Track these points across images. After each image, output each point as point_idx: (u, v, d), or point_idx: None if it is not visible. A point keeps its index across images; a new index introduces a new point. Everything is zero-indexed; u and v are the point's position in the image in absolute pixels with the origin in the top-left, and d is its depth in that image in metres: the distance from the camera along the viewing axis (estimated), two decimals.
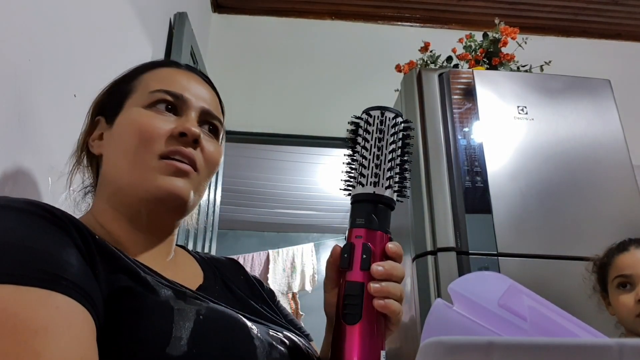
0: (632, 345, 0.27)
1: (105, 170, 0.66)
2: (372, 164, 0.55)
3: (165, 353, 0.45)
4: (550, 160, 1.70)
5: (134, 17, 1.45)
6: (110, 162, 0.65)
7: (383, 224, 0.56)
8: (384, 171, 0.55)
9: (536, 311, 0.39)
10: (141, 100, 0.65)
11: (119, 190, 0.63)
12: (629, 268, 1.17)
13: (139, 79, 0.69)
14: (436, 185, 1.62)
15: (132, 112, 0.65)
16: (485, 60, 2.12)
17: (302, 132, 2.49)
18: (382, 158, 0.56)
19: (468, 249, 1.52)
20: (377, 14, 2.75)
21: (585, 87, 1.87)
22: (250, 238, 4.73)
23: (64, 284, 0.43)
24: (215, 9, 2.68)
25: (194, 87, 0.68)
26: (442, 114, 1.72)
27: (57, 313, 0.41)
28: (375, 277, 0.53)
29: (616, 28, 2.80)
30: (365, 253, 0.54)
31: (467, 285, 0.43)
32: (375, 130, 0.57)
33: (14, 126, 0.85)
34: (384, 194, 0.55)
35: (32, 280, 0.42)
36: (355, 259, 0.54)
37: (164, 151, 0.61)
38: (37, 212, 0.49)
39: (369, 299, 0.52)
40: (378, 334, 0.52)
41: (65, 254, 0.46)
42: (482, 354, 0.28)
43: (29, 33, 0.91)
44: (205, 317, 0.50)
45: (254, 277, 0.77)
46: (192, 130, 0.62)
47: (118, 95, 0.68)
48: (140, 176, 0.61)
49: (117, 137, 0.65)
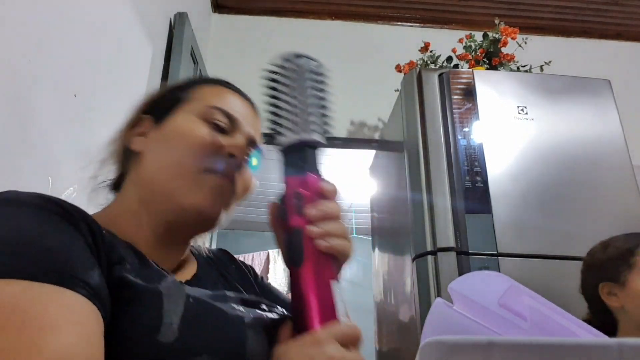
0: (631, 344, 0.27)
1: (144, 169, 0.64)
2: (293, 111, 0.56)
3: (156, 341, 0.46)
4: (550, 160, 1.70)
5: (134, 17, 1.45)
6: (153, 162, 0.63)
7: (312, 166, 0.56)
8: (304, 115, 0.56)
9: (536, 311, 0.39)
10: (196, 110, 0.65)
11: (154, 192, 0.62)
12: None
13: (196, 89, 0.69)
14: (436, 186, 1.62)
15: (185, 119, 0.64)
16: (485, 60, 2.12)
17: None
18: (301, 104, 0.56)
19: (468, 249, 1.52)
20: (377, 14, 2.75)
21: (585, 88, 1.87)
22: (250, 238, 4.72)
23: (75, 282, 0.43)
24: (215, 9, 2.68)
25: (247, 115, 0.69)
26: (442, 114, 1.72)
27: (67, 311, 0.41)
28: (312, 220, 0.54)
29: (616, 28, 2.80)
30: (296, 198, 0.54)
31: (468, 285, 0.43)
32: (289, 78, 0.57)
33: (14, 126, 0.85)
34: (308, 138, 0.56)
35: (44, 277, 0.42)
36: (289, 206, 0.54)
37: (211, 166, 0.61)
38: (49, 207, 0.49)
39: (310, 241, 0.53)
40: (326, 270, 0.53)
41: (76, 251, 0.46)
42: (482, 354, 0.28)
43: (29, 33, 0.91)
44: (196, 300, 0.51)
45: (242, 262, 0.77)
46: (241, 153, 0.63)
47: (172, 99, 0.68)
48: (182, 184, 0.60)
49: (165, 139, 0.64)
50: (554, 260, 1.54)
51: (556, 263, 1.53)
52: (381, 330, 2.07)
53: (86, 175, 0.70)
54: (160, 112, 0.67)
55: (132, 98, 1.50)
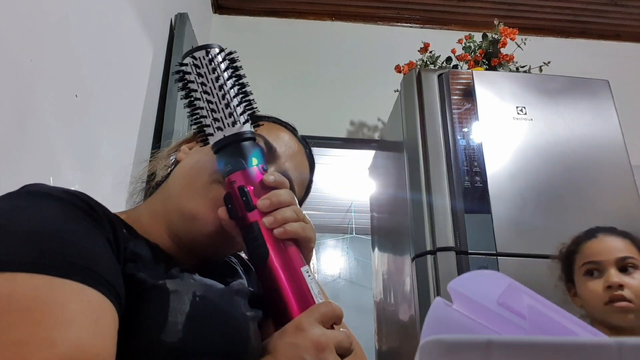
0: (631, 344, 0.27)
1: (172, 175, 0.65)
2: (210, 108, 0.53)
3: (159, 339, 0.46)
4: (549, 160, 1.71)
5: (135, 18, 1.45)
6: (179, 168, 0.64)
7: (248, 158, 0.54)
8: (233, 108, 0.54)
9: (536, 310, 0.39)
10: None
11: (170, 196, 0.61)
12: (598, 254, 1.14)
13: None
14: (435, 185, 1.62)
15: None
16: (485, 60, 2.12)
17: (302, 132, 2.49)
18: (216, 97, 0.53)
19: (467, 249, 1.53)
20: (377, 15, 2.75)
21: (584, 88, 1.87)
22: None
23: (97, 279, 0.44)
24: (215, 9, 2.68)
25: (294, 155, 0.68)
26: (442, 115, 1.73)
27: (87, 307, 0.42)
28: (265, 211, 0.53)
29: (615, 29, 2.81)
30: (243, 195, 0.53)
31: (467, 284, 0.43)
32: (207, 72, 0.54)
33: (16, 126, 0.86)
34: (242, 130, 0.54)
35: (66, 273, 0.42)
36: (238, 205, 0.53)
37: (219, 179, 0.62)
38: (75, 202, 0.49)
39: (268, 232, 0.52)
40: (292, 257, 0.52)
41: (99, 248, 0.47)
42: (481, 353, 0.28)
43: (31, 34, 0.91)
44: (202, 298, 0.51)
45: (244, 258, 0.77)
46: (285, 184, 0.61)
47: None
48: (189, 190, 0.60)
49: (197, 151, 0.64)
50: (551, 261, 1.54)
51: (553, 265, 1.54)
52: (381, 330, 2.08)
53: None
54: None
55: (133, 98, 1.51)
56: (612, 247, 1.14)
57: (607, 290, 1.09)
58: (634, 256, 1.12)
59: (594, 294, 1.12)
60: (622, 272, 1.11)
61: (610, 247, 1.14)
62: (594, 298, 1.12)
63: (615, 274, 1.10)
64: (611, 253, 1.13)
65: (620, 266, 1.12)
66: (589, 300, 1.14)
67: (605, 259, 1.13)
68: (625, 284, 1.08)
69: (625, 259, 1.12)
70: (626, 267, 1.11)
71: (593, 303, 1.12)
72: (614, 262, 1.12)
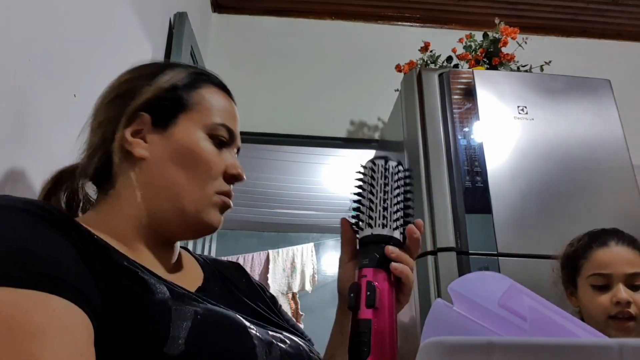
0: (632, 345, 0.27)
1: (151, 177, 0.63)
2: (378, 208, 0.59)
3: (162, 352, 0.45)
4: (551, 160, 1.70)
5: (134, 17, 1.45)
6: (164, 175, 0.63)
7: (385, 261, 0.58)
8: (389, 213, 0.59)
9: (536, 311, 0.39)
10: (202, 123, 0.66)
11: (166, 204, 0.63)
12: (608, 267, 1.10)
13: (198, 94, 0.68)
14: (436, 185, 1.62)
15: (194, 135, 0.65)
16: (486, 60, 2.12)
17: (302, 132, 2.49)
18: (387, 202, 0.60)
19: (468, 249, 1.52)
20: (377, 14, 2.75)
21: (585, 87, 1.87)
22: (250, 238, 4.72)
23: (62, 287, 0.43)
24: (215, 8, 2.68)
25: (236, 120, 0.71)
26: (442, 114, 1.72)
27: (54, 316, 0.41)
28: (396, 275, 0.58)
29: (616, 28, 2.80)
30: (369, 290, 0.55)
31: (468, 285, 0.43)
32: (380, 177, 0.61)
33: (14, 126, 0.85)
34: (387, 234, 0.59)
35: (30, 283, 0.42)
36: (361, 297, 0.56)
37: (222, 189, 0.66)
38: (37, 213, 0.48)
39: (377, 334, 0.54)
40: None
41: (64, 257, 0.46)
42: (482, 354, 0.28)
43: (29, 33, 0.91)
44: (203, 316, 0.50)
45: (257, 282, 0.77)
46: (243, 177, 0.68)
47: (174, 102, 0.66)
48: (197, 206, 0.63)
49: (175, 153, 0.64)
50: (553, 260, 1.54)
51: (556, 263, 1.53)
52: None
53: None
54: (162, 115, 0.65)
55: None
56: (625, 260, 1.11)
57: (614, 306, 1.07)
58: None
59: (599, 306, 1.10)
60: (630, 287, 1.09)
61: (622, 260, 1.11)
62: (598, 310, 1.10)
63: (625, 290, 1.08)
64: (622, 267, 1.10)
65: (630, 282, 1.09)
66: (591, 310, 1.12)
67: (615, 272, 1.10)
68: (634, 300, 1.07)
69: (635, 275, 1.09)
70: (636, 284, 1.09)
71: (595, 314, 1.11)
72: (624, 277, 1.09)
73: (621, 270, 1.10)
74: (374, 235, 0.59)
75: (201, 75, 0.70)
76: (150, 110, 0.66)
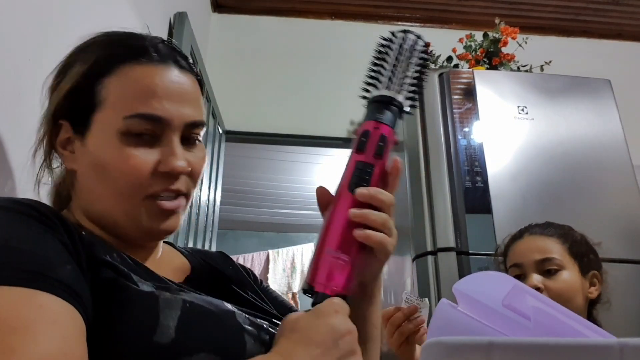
0: (633, 344, 0.27)
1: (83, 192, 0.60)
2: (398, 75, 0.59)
3: (152, 341, 0.46)
4: (551, 160, 1.70)
5: (134, 16, 1.45)
6: (91, 190, 0.59)
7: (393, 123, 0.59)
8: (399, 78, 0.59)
9: (540, 311, 0.39)
10: (113, 125, 0.56)
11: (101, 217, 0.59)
12: (520, 257, 1.11)
13: (109, 82, 0.57)
14: (436, 185, 1.62)
15: (106, 140, 0.56)
16: (486, 60, 2.12)
17: (302, 132, 2.49)
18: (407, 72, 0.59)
19: (468, 249, 1.52)
20: (377, 14, 2.75)
21: (586, 87, 1.87)
22: (250, 238, 4.72)
23: (49, 283, 0.43)
24: (215, 8, 2.68)
25: (173, 93, 0.58)
26: (442, 114, 1.72)
27: (40, 311, 0.41)
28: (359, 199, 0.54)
29: (616, 28, 2.80)
30: (382, 141, 0.56)
31: (472, 286, 0.43)
32: (407, 49, 0.61)
33: (14, 126, 0.85)
34: (397, 97, 0.59)
35: (15, 280, 0.42)
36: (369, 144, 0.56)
37: (151, 192, 0.57)
38: (24, 211, 0.48)
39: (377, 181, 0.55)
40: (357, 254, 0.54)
41: (52, 253, 0.46)
42: (483, 354, 0.28)
43: (29, 33, 0.91)
44: (192, 305, 0.50)
45: (242, 266, 0.76)
46: (178, 169, 0.57)
47: (84, 100, 0.58)
48: (128, 215, 0.57)
49: (94, 166, 0.57)
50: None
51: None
52: (381, 330, 2.07)
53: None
54: (77, 119, 0.59)
55: None
56: (534, 248, 1.11)
57: None
58: (555, 257, 1.09)
59: None
60: (545, 273, 1.08)
61: (532, 249, 1.11)
62: None
63: (535, 278, 1.07)
64: (532, 255, 1.10)
65: (541, 269, 1.09)
66: None
67: (525, 261, 1.11)
68: (545, 287, 1.06)
69: (545, 261, 1.09)
70: (549, 269, 1.08)
71: None
72: (535, 265, 1.09)
73: (531, 258, 1.10)
74: (383, 95, 0.58)
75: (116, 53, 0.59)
76: (66, 115, 0.60)
